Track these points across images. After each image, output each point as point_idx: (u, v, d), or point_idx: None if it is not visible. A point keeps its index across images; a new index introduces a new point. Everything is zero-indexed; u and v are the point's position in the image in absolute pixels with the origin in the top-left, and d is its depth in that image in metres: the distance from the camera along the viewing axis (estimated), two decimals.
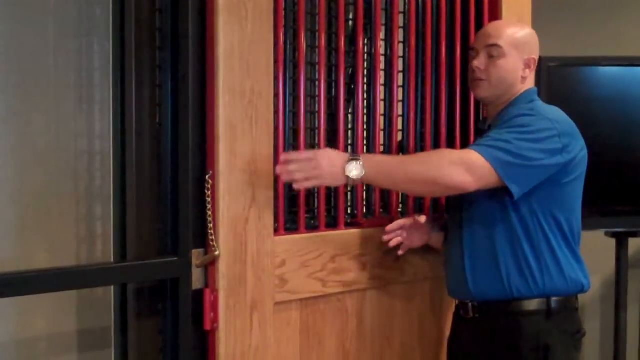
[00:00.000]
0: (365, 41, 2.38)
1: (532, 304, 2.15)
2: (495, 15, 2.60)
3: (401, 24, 2.47)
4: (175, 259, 1.98)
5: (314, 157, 1.98)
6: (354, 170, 1.99)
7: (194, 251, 1.98)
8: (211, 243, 1.98)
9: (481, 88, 2.25)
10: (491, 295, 2.17)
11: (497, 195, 2.13)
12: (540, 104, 2.25)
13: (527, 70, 2.25)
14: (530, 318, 2.15)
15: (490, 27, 2.31)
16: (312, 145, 2.29)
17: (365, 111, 2.39)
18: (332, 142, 2.29)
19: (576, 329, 2.22)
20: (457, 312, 2.32)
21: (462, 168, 2.03)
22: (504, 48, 2.22)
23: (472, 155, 2.06)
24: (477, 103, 2.57)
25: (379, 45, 2.40)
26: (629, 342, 3.45)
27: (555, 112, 2.20)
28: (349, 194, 2.37)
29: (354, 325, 2.31)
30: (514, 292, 2.15)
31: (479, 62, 2.24)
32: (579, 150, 2.21)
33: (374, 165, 2.02)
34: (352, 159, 1.99)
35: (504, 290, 2.15)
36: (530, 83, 2.28)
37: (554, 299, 2.16)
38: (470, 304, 2.23)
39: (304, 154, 2.01)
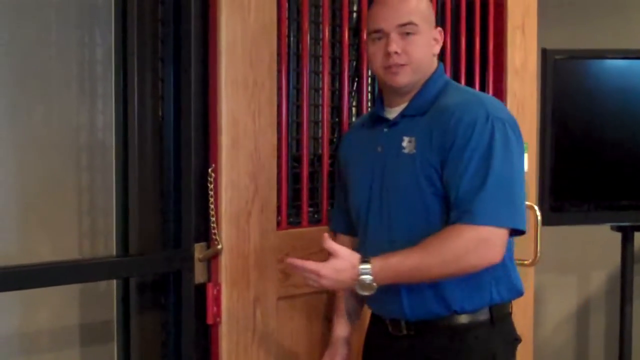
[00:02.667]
0: None
1: (476, 315, 1.91)
2: (501, 8, 2.58)
3: None
4: (178, 252, 1.98)
5: (315, 273, 1.82)
6: (365, 288, 1.83)
7: (196, 245, 1.97)
8: (214, 237, 1.97)
9: (403, 74, 1.91)
10: (430, 315, 1.91)
11: (433, 201, 1.88)
12: (467, 90, 2.02)
13: (437, 46, 1.97)
14: (477, 329, 1.91)
15: (393, 3, 1.92)
16: (315, 138, 2.27)
17: (369, 104, 2.37)
18: (336, 135, 2.28)
19: (514, 336, 2.01)
20: (380, 327, 2.00)
21: (479, 250, 1.82)
22: (419, 25, 1.91)
23: (476, 231, 1.80)
24: None
25: None
26: (635, 336, 3.43)
27: (494, 102, 1.96)
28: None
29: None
30: (456, 309, 1.90)
31: (395, 46, 1.89)
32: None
33: (389, 275, 1.83)
34: (363, 274, 1.81)
35: (445, 309, 1.90)
36: (435, 60, 1.99)
37: (496, 306, 1.93)
38: (403, 322, 1.94)
39: (304, 266, 1.84)
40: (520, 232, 1.88)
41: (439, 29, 1.97)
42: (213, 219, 1.97)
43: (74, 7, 2.12)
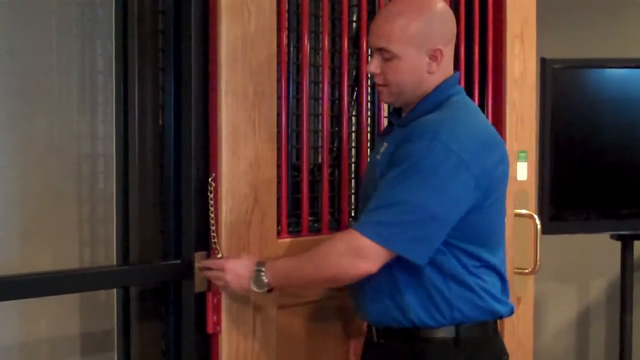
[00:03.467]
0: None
1: (439, 332, 1.89)
2: (500, 18, 2.59)
3: None
4: (178, 261, 1.98)
5: (220, 267, 1.92)
6: (258, 284, 1.90)
7: (196, 254, 1.97)
8: (214, 246, 1.97)
9: (383, 94, 1.95)
10: (390, 322, 1.92)
11: None
12: (453, 110, 1.90)
13: (434, 64, 1.89)
14: (438, 346, 1.90)
15: (378, 23, 1.91)
16: (315, 148, 2.28)
17: (369, 113, 2.38)
18: (335, 144, 2.29)
19: (493, 356, 1.98)
20: (366, 335, 2.06)
21: (352, 257, 1.81)
22: (394, 50, 1.87)
23: (357, 240, 1.80)
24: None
25: None
26: (635, 345, 3.44)
27: (465, 128, 1.86)
28: (352, 196, 2.36)
29: (358, 327, 2.30)
30: (415, 322, 1.89)
31: (373, 66, 1.92)
32: (494, 168, 1.89)
33: (277, 275, 1.89)
34: (257, 271, 1.89)
35: (405, 319, 1.90)
36: (443, 73, 1.92)
37: (463, 326, 1.90)
38: (374, 328, 1.98)
39: (213, 263, 1.94)
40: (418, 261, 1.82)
41: (439, 47, 1.88)
42: (213, 228, 1.97)
43: (75, 17, 2.13)
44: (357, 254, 1.81)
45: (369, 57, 2.36)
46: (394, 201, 1.80)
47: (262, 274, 1.89)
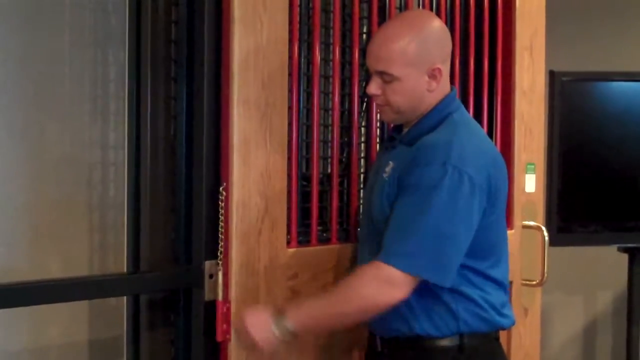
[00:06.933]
0: None
1: (443, 341, 1.93)
2: (509, 30, 2.60)
3: None
4: (188, 269, 1.99)
5: (243, 327, 1.88)
6: (282, 330, 1.85)
7: (206, 262, 1.98)
8: (220, 256, 1.97)
9: (385, 113, 2.00)
10: (396, 333, 1.95)
11: None
12: (456, 129, 1.92)
13: (434, 83, 1.92)
14: (443, 353, 1.92)
15: (375, 46, 1.92)
16: (324, 158, 2.29)
17: (378, 124, 2.39)
18: (345, 155, 2.30)
19: None
20: (368, 344, 2.10)
21: (383, 287, 1.83)
22: (395, 73, 1.89)
23: (386, 271, 1.82)
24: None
25: None
26: None
27: (472, 148, 1.89)
28: (362, 207, 2.37)
29: (366, 337, 2.30)
30: (420, 333, 1.92)
31: (373, 89, 1.93)
32: (501, 185, 1.94)
33: (303, 318, 1.88)
34: (279, 317, 1.86)
35: (410, 330, 1.93)
36: (442, 90, 1.95)
37: (467, 335, 1.93)
38: (378, 338, 2.01)
39: (238, 325, 1.91)
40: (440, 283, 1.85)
41: (438, 67, 1.91)
42: (222, 237, 1.98)
43: (87, 26, 2.15)
44: (389, 283, 1.82)
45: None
46: (416, 229, 1.82)
47: (284, 319, 1.86)
